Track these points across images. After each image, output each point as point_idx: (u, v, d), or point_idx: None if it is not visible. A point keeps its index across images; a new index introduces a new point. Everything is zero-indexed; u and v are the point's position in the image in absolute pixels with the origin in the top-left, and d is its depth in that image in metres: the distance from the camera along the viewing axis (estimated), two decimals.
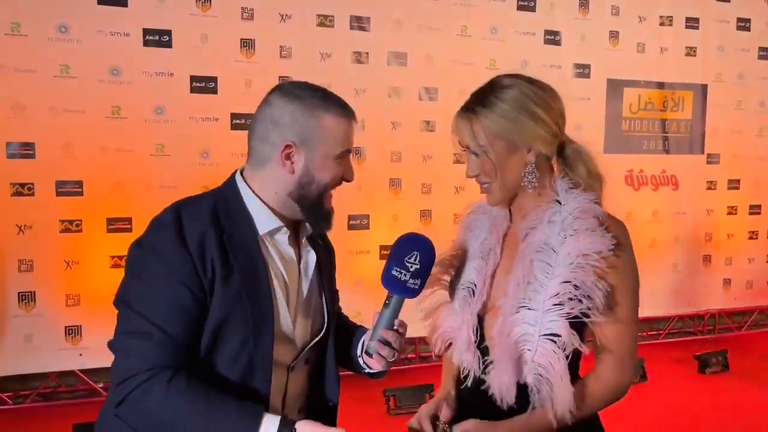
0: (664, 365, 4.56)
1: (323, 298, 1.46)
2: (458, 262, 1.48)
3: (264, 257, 1.32)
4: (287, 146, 1.30)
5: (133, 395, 1.19)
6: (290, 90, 1.34)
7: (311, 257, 1.42)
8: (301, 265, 1.41)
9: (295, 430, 1.19)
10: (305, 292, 1.40)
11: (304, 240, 1.42)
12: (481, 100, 1.34)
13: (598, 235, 1.28)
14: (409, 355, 4.45)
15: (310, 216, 1.37)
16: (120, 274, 1.29)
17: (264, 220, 1.34)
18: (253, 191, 1.35)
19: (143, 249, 1.27)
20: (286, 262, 1.37)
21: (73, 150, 3.61)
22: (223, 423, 1.18)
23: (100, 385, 3.78)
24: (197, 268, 1.23)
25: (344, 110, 1.35)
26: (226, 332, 1.26)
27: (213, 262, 1.24)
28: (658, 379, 4.26)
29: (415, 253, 1.31)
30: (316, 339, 1.42)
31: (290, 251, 1.38)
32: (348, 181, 1.39)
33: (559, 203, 1.35)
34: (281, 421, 1.19)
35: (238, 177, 1.38)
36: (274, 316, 1.31)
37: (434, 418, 1.38)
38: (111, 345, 1.26)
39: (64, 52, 3.56)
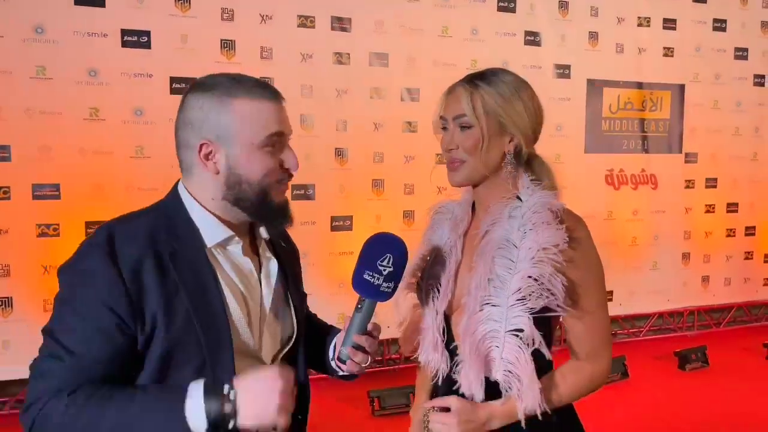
0: (645, 362, 4.61)
1: (291, 306, 1.36)
2: (425, 263, 1.48)
3: (214, 272, 1.20)
4: (203, 145, 1.18)
5: (37, 422, 1.08)
6: (200, 84, 1.21)
7: (272, 265, 1.32)
8: (262, 275, 1.29)
9: (231, 392, 1.08)
10: (268, 303, 1.29)
11: (262, 247, 1.32)
12: (483, 76, 1.36)
13: (554, 228, 1.29)
14: (393, 356, 4.45)
15: (259, 217, 1.25)
16: None
17: (211, 232, 1.22)
18: (197, 201, 1.23)
19: (70, 273, 1.15)
20: (243, 275, 1.25)
21: (50, 152, 3.56)
22: (142, 412, 1.06)
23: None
24: (129, 292, 1.10)
25: (260, 90, 1.19)
26: (178, 358, 1.14)
27: (151, 286, 1.12)
28: (639, 375, 4.31)
29: (388, 255, 1.24)
30: (286, 350, 1.34)
31: (246, 262, 1.26)
32: (290, 169, 1.24)
33: (520, 199, 1.36)
34: (205, 383, 1.08)
35: (180, 187, 1.26)
36: (231, 334, 1.19)
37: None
38: (30, 368, 1.16)
39: (41, 53, 3.50)
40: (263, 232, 1.33)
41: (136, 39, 3.68)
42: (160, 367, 1.15)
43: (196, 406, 1.07)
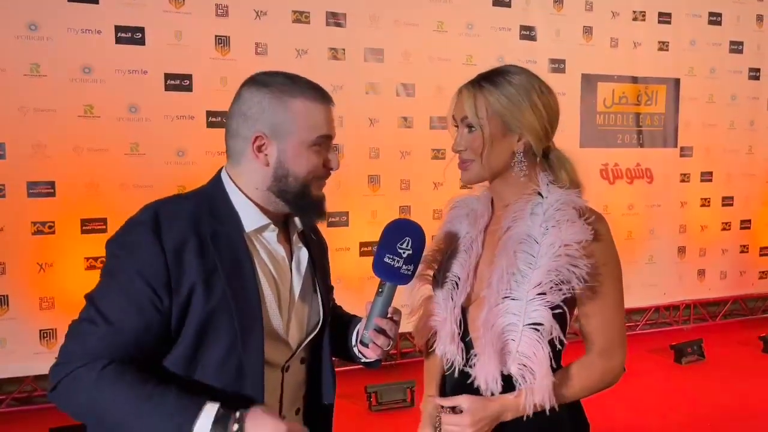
0: (641, 356, 4.63)
1: (318, 295, 1.42)
2: (441, 256, 1.49)
3: (251, 256, 1.26)
4: (257, 137, 1.25)
5: (64, 381, 1.14)
6: (258, 80, 1.28)
7: (303, 254, 1.38)
8: (293, 263, 1.36)
9: (243, 421, 1.10)
10: (297, 290, 1.36)
11: (295, 237, 1.38)
12: (489, 78, 1.37)
13: (579, 226, 1.30)
14: (390, 351, 4.45)
15: (296, 209, 1.32)
16: (95, 275, 1.26)
17: (250, 218, 1.29)
18: (238, 188, 1.30)
19: (115, 245, 1.22)
20: (276, 261, 1.32)
21: (45, 150, 3.55)
22: (155, 416, 1.10)
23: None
24: (169, 267, 1.16)
25: (316, 93, 1.28)
26: (211, 335, 1.20)
27: (192, 264, 1.18)
28: (635, 369, 4.30)
29: (407, 238, 1.30)
30: (311, 337, 1.39)
31: (280, 249, 1.33)
32: (332, 169, 1.33)
33: (541, 196, 1.37)
34: (218, 410, 1.11)
35: (223, 174, 1.33)
36: (263, 316, 1.25)
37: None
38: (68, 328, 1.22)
39: (34, 50, 3.49)
40: (297, 222, 1.39)
41: (130, 35, 3.67)
42: (194, 342, 1.20)
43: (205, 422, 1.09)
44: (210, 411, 1.10)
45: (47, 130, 3.54)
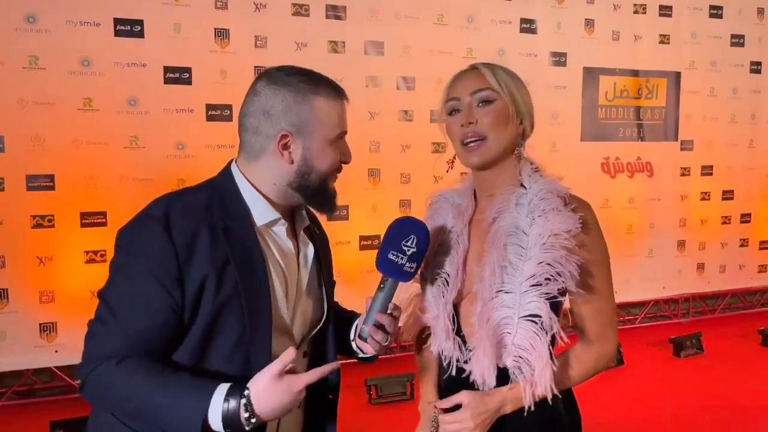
0: (640, 349, 4.64)
1: (322, 289, 1.44)
2: (427, 253, 1.47)
3: (262, 250, 1.28)
4: (283, 136, 1.26)
5: (88, 381, 1.19)
6: (277, 77, 1.28)
7: (310, 249, 1.40)
8: (300, 257, 1.37)
9: (246, 390, 1.15)
10: (304, 284, 1.37)
11: (301, 232, 1.40)
12: (493, 64, 1.40)
13: (566, 214, 1.30)
14: (389, 347, 4.46)
15: (313, 202, 1.35)
16: (95, 269, 1.27)
17: (261, 212, 1.30)
18: (250, 182, 1.30)
19: (127, 240, 1.22)
20: (285, 255, 1.33)
21: (44, 143, 3.54)
22: (173, 399, 1.14)
23: (77, 381, 3.73)
24: (180, 263, 1.17)
25: (336, 91, 1.31)
26: (221, 327, 1.22)
27: (204, 255, 1.19)
28: (634, 362, 4.34)
29: (412, 236, 1.30)
30: (315, 330, 1.40)
31: (288, 243, 1.35)
32: (346, 163, 1.36)
33: (524, 187, 1.37)
34: (229, 388, 1.15)
35: (234, 168, 1.33)
36: (272, 310, 1.27)
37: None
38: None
39: (33, 42, 3.47)
40: (304, 217, 1.41)
41: (129, 28, 3.65)
42: (203, 334, 1.21)
43: (215, 413, 1.13)
44: (221, 390, 1.14)
45: (46, 123, 3.53)
